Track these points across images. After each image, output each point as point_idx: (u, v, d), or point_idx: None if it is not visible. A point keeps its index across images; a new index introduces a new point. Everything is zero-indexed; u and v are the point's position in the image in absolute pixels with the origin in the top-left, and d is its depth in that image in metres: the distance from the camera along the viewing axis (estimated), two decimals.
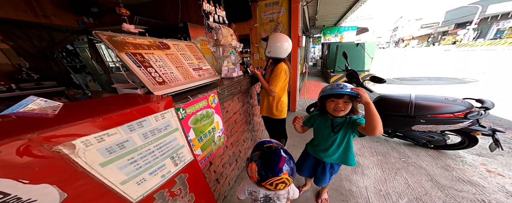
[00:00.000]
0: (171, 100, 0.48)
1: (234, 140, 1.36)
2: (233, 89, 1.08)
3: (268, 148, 0.65)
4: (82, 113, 0.36)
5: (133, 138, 0.39)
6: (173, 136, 0.49)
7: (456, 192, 1.18)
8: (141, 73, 0.56)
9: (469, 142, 1.49)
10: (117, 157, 0.37)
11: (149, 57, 0.62)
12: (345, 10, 6.01)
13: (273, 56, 1.22)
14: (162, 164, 0.47)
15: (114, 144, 0.36)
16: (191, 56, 0.84)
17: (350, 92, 0.70)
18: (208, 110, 0.80)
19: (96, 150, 0.34)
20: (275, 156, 0.61)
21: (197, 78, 0.79)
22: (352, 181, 1.38)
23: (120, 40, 0.58)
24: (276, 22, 3.11)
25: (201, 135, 0.79)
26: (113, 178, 0.36)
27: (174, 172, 0.52)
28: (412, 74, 5.78)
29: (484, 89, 3.52)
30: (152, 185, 0.45)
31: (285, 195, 0.76)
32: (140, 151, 0.41)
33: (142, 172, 0.42)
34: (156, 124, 0.44)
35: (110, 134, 0.35)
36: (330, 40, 9.03)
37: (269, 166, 0.59)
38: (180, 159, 0.53)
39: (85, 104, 0.44)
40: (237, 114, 1.37)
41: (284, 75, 1.19)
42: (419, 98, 1.56)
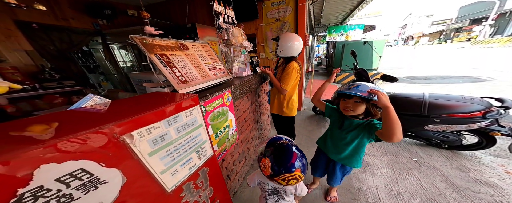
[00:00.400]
0: (197, 98, 0.52)
1: (244, 137, 1.39)
2: (245, 88, 1.11)
3: (281, 144, 0.66)
4: (129, 108, 0.41)
5: (170, 131, 0.44)
6: (198, 131, 0.53)
7: (472, 193, 1.14)
8: (167, 73, 0.60)
9: (487, 143, 1.43)
10: (159, 148, 0.41)
11: (172, 58, 0.67)
12: (352, 8, 5.89)
13: (284, 55, 1.24)
14: (190, 157, 0.51)
15: (158, 137, 0.41)
16: (206, 56, 0.87)
17: (359, 95, 0.67)
18: (223, 108, 0.84)
19: (146, 141, 0.38)
20: (288, 152, 0.62)
21: (213, 78, 0.82)
22: (361, 180, 1.37)
23: (149, 42, 0.62)
24: (282, 21, 3.11)
25: (217, 132, 0.82)
26: (156, 167, 0.41)
27: (199, 165, 0.55)
28: (423, 73, 5.57)
29: (502, 88, 3.33)
30: (182, 176, 0.49)
31: (293, 191, 0.77)
32: (175, 144, 0.46)
33: (175, 163, 0.46)
34: (186, 120, 0.48)
35: (155, 127, 0.40)
36: (335, 39, 8.86)
37: (282, 162, 0.60)
38: (203, 153, 0.56)
39: (126, 101, 0.49)
40: (247, 112, 1.39)
41: (295, 74, 1.21)
42: (433, 97, 1.52)
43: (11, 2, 1.73)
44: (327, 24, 9.42)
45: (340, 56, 4.94)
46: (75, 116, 0.39)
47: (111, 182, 0.34)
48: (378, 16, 11.15)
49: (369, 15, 10.58)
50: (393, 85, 4.38)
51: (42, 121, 0.35)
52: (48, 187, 0.28)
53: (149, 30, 0.79)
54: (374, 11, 10.64)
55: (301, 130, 2.32)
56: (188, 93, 0.55)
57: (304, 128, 2.37)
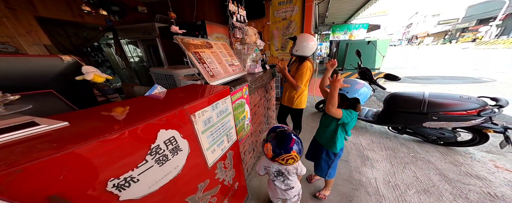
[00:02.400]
0: (229, 89, 0.62)
1: (253, 130, 1.50)
2: (257, 83, 1.21)
3: (281, 131, 0.78)
4: (183, 96, 0.52)
5: (214, 115, 0.54)
6: (228, 118, 0.63)
7: (463, 185, 1.25)
8: (201, 68, 0.70)
9: (480, 139, 1.53)
10: (207, 128, 0.52)
11: (203, 55, 0.76)
12: (358, 7, 5.86)
13: (300, 54, 1.33)
14: (222, 139, 0.62)
15: (207, 119, 0.52)
16: (226, 54, 0.97)
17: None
18: (242, 100, 0.94)
19: (201, 121, 0.49)
20: (287, 137, 0.74)
21: (232, 73, 0.92)
22: (361, 173, 1.48)
23: (186, 42, 0.72)
24: (289, 20, 3.15)
25: (236, 121, 0.92)
26: (204, 144, 0.52)
27: (228, 147, 0.66)
28: (425, 73, 5.61)
29: (501, 88, 3.40)
30: (217, 155, 0.60)
31: (294, 170, 0.87)
32: (216, 126, 0.57)
33: (214, 143, 0.57)
34: (222, 107, 0.59)
35: (206, 110, 0.50)
36: (339, 38, 8.82)
37: (282, 145, 0.72)
38: (230, 137, 0.67)
39: (175, 91, 0.60)
40: (257, 107, 1.50)
41: (309, 73, 1.32)
42: (432, 96, 1.61)
43: None
44: (331, 23, 9.35)
45: (344, 55, 4.97)
46: (149, 101, 0.51)
47: (184, 150, 0.46)
48: (383, 15, 11.01)
49: (374, 14, 10.45)
50: (395, 85, 4.45)
51: (123, 105, 0.46)
52: (161, 147, 0.40)
53: (175, 29, 0.88)
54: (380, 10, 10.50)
55: (305, 125, 2.42)
56: (222, 85, 0.66)
57: (307, 124, 2.48)
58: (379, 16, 10.88)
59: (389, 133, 2.11)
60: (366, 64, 4.53)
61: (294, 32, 3.21)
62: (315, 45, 1.31)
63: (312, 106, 3.19)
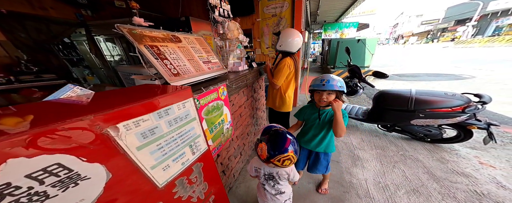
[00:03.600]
0: (190, 90, 0.50)
1: (239, 133, 1.39)
2: (240, 83, 1.10)
3: (275, 131, 0.73)
4: (115, 100, 0.38)
5: (161, 125, 0.41)
6: (191, 125, 0.51)
7: (450, 183, 1.25)
8: (158, 64, 0.57)
9: (464, 136, 1.56)
10: (149, 142, 0.39)
11: (164, 50, 0.63)
12: (347, 6, 5.92)
13: (283, 50, 1.24)
14: (183, 151, 0.49)
15: (147, 130, 0.39)
16: (201, 50, 0.84)
17: (334, 89, 0.82)
18: (218, 102, 0.82)
19: (133, 134, 0.36)
20: (282, 137, 0.70)
21: (207, 71, 0.80)
22: (352, 174, 1.44)
23: (138, 33, 0.58)
24: (279, 17, 3.06)
25: (212, 126, 0.81)
26: (146, 162, 0.39)
27: (192, 160, 0.54)
28: (411, 71, 5.84)
29: (480, 85, 3.60)
30: (174, 171, 0.48)
31: (286, 176, 0.82)
32: (166, 137, 0.43)
33: (167, 158, 0.44)
34: (179, 113, 0.46)
35: (144, 119, 0.37)
36: (330, 36, 8.94)
37: (278, 145, 0.67)
38: (197, 148, 0.55)
39: (112, 93, 0.46)
40: (242, 108, 1.39)
41: (287, 70, 1.22)
42: (419, 93, 1.61)
43: None
44: (322, 21, 9.44)
45: (335, 53, 5.01)
46: (53, 108, 0.36)
47: (94, 178, 0.31)
48: (372, 14, 11.34)
49: (363, 13, 10.72)
50: (383, 82, 4.56)
51: (14, 114, 0.31)
52: (17, 185, 0.26)
53: (138, 21, 0.74)
54: (368, 9, 10.80)
55: None
56: (181, 86, 0.53)
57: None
58: (368, 15, 11.21)
59: (378, 131, 2.11)
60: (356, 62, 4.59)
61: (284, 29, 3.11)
62: (300, 41, 1.22)
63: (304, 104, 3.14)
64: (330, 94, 0.85)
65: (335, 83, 0.82)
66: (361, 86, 2.12)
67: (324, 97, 0.85)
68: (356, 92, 2.10)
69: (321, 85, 0.82)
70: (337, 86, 0.81)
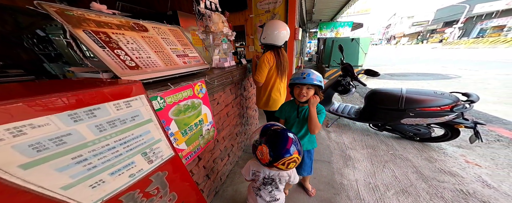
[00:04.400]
0: (140, 86, 0.41)
1: (226, 133, 1.31)
2: (224, 80, 1.01)
3: (274, 130, 0.67)
4: None
5: (80, 130, 0.31)
6: (144, 129, 0.42)
7: (438, 183, 1.25)
8: (105, 54, 0.47)
9: (452, 134, 1.57)
10: (52, 155, 0.28)
11: (118, 38, 0.53)
12: (342, 4, 5.92)
13: (267, 42, 1.16)
14: (130, 161, 0.40)
15: (45, 139, 0.28)
16: (175, 42, 0.74)
17: (309, 82, 0.79)
18: (194, 100, 0.73)
19: (10, 148, 0.25)
20: (284, 137, 0.63)
21: (182, 66, 0.70)
22: (343, 175, 1.41)
23: (76, 15, 0.48)
24: (273, 13, 2.97)
25: (185, 128, 0.72)
26: (49, 183, 0.29)
27: (148, 170, 0.45)
28: (402, 71, 5.98)
29: (465, 84, 3.73)
30: (116, 186, 0.39)
31: (287, 177, 0.78)
32: (93, 147, 0.34)
33: (98, 172, 0.35)
34: (117, 114, 0.36)
35: (35, 125, 0.26)
36: (326, 35, 8.97)
37: (280, 147, 0.61)
38: (156, 155, 0.47)
39: (7, 87, 0.34)
40: (230, 107, 1.31)
41: (266, 65, 1.13)
42: (409, 92, 1.60)
43: None
44: (318, 20, 9.44)
45: (330, 52, 5.01)
46: None
47: None
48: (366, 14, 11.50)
49: (358, 12, 10.83)
50: (376, 81, 4.63)
51: None
52: None
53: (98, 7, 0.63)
54: (363, 9, 10.92)
55: None
56: (127, 80, 0.44)
57: None
58: (363, 14, 11.35)
59: (370, 130, 2.11)
60: (351, 61, 4.63)
61: None
62: (286, 35, 1.14)
63: None
64: (309, 89, 0.83)
65: (315, 77, 0.80)
66: (354, 85, 2.10)
67: (303, 91, 0.82)
68: (348, 91, 2.08)
69: (302, 79, 0.80)
70: (316, 81, 0.79)
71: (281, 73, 1.23)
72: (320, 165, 1.55)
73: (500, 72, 4.61)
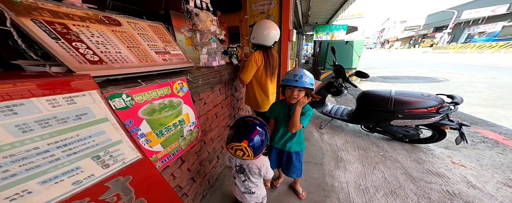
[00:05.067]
0: (90, 80, 0.36)
1: (215, 135, 1.28)
2: (211, 79, 0.98)
3: (247, 120, 0.73)
4: None
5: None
6: (96, 129, 0.38)
7: (425, 183, 1.26)
8: (57, 46, 0.42)
9: (439, 136, 1.61)
10: None
11: (80, 30, 0.48)
12: (337, 8, 6.04)
13: (256, 42, 1.15)
14: (74, 167, 0.36)
15: None
16: (155, 38, 0.71)
17: (301, 86, 0.79)
18: (173, 99, 0.69)
19: None
20: (246, 127, 0.69)
21: (160, 63, 0.66)
22: (334, 177, 1.41)
23: (26, 3, 0.43)
24: (267, 14, 2.98)
25: (161, 129, 0.68)
26: None
27: (103, 175, 0.41)
28: (394, 74, 6.14)
29: (453, 87, 3.86)
30: (51, 197, 0.34)
31: (256, 170, 0.78)
32: (11, 151, 0.29)
33: (19, 182, 0.30)
34: (53, 111, 0.32)
35: None
36: (322, 38, 9.11)
37: (236, 134, 0.67)
38: (113, 158, 0.43)
39: None
40: (219, 107, 1.28)
41: (253, 65, 1.12)
42: (398, 94, 1.63)
43: None
44: (314, 23, 9.58)
45: (325, 55, 5.08)
46: None
47: None
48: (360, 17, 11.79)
49: (353, 16, 11.09)
50: (369, 83, 4.72)
51: None
52: None
53: (70, 1, 0.59)
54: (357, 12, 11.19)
55: None
56: (71, 73, 0.40)
57: None
58: (357, 18, 11.62)
59: (362, 131, 2.13)
60: (344, 64, 4.69)
61: None
62: (276, 35, 1.13)
63: None
64: (301, 91, 0.82)
65: (306, 80, 0.79)
66: (346, 87, 2.12)
67: (295, 94, 0.82)
68: (341, 93, 2.10)
69: (294, 81, 0.79)
70: (308, 84, 0.79)
71: (270, 74, 1.22)
72: (312, 167, 1.54)
73: (486, 76, 4.82)
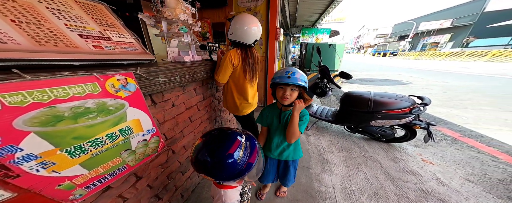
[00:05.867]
0: None
1: (188, 142, 1.09)
2: (180, 76, 0.79)
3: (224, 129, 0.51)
4: None
5: None
6: None
7: (403, 183, 1.32)
8: None
9: (410, 135, 1.74)
10: None
11: None
12: (322, 10, 6.27)
13: (234, 39, 0.99)
14: None
15: None
16: (85, 18, 0.49)
17: (294, 83, 0.70)
18: (107, 101, 0.49)
19: None
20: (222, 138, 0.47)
21: (87, 50, 0.45)
22: (321, 181, 1.37)
23: None
24: (254, 11, 2.85)
25: (79, 143, 0.47)
26: None
27: None
28: (368, 76, 6.75)
29: (416, 89, 4.41)
30: None
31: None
32: None
33: None
34: None
35: None
36: (308, 40, 9.44)
37: (205, 148, 0.46)
38: None
39: None
40: (194, 109, 1.08)
41: (228, 65, 0.97)
42: (376, 95, 1.70)
43: None
44: (301, 25, 9.86)
45: (311, 56, 5.22)
46: None
47: None
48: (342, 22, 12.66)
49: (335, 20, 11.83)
50: (348, 85, 5.05)
51: None
52: None
53: None
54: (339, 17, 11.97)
55: None
56: None
57: None
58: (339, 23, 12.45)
59: (345, 132, 2.19)
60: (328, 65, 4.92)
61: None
62: (258, 32, 0.99)
63: None
64: (293, 90, 0.74)
65: (300, 77, 0.71)
66: (330, 88, 2.14)
67: (287, 93, 0.73)
68: (326, 94, 2.11)
69: (286, 78, 0.70)
70: (301, 81, 0.70)
71: (250, 76, 1.07)
72: (300, 171, 1.48)
73: (439, 80, 5.67)
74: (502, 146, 1.76)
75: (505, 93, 3.72)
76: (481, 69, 7.83)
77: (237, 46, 1.02)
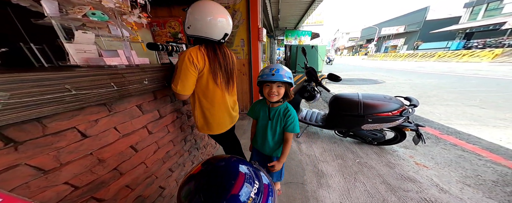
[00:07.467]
0: None
1: (136, 177, 0.74)
2: (98, 89, 0.46)
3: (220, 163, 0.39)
4: None
5: None
6: None
7: (404, 193, 1.21)
8: None
9: (400, 137, 1.69)
10: None
11: None
12: (303, 12, 6.42)
13: (195, 34, 0.70)
14: None
15: None
16: None
17: (279, 80, 0.71)
18: None
19: None
20: (224, 175, 0.35)
21: None
22: (318, 199, 1.17)
23: None
24: (233, 9, 2.59)
25: None
26: None
27: None
28: (348, 76, 7.18)
29: (390, 88, 4.77)
30: None
31: None
32: None
33: None
34: None
35: None
36: (291, 43, 9.66)
37: (210, 193, 0.32)
38: None
39: None
40: (141, 133, 0.74)
41: (189, 68, 0.68)
42: (365, 97, 1.62)
43: None
44: (284, 28, 10.06)
45: (295, 58, 5.22)
46: None
47: None
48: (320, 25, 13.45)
49: (314, 23, 12.47)
50: (330, 86, 5.19)
51: None
52: None
53: None
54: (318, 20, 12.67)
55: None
56: None
57: None
58: (318, 25, 13.18)
59: (336, 137, 2.08)
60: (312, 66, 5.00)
61: (240, 25, 2.68)
62: (227, 25, 0.73)
63: None
64: (280, 87, 0.75)
65: (284, 73, 0.72)
66: (318, 91, 2.02)
67: (274, 90, 0.74)
68: (314, 97, 1.97)
69: (271, 75, 0.70)
70: (286, 77, 0.71)
71: (224, 80, 0.80)
72: (294, 189, 1.25)
73: (405, 78, 6.34)
74: (479, 142, 1.86)
75: (463, 89, 4.27)
76: (433, 68, 9.17)
77: (200, 43, 0.73)
